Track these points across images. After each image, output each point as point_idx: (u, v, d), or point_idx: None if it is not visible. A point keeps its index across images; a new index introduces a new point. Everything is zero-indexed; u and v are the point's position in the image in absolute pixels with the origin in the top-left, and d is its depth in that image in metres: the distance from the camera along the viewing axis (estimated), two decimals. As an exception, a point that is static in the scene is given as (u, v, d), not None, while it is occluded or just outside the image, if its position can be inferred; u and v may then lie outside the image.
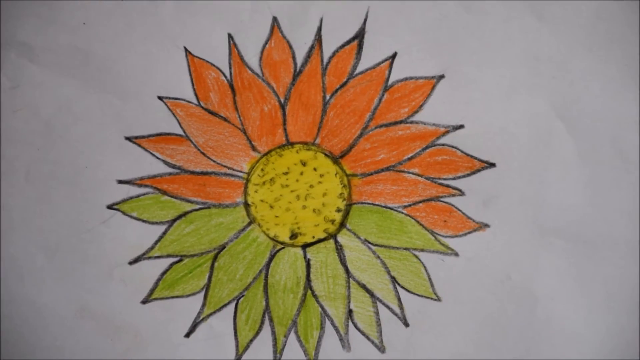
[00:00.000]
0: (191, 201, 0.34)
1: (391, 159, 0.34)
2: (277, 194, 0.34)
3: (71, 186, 0.34)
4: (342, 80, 0.34)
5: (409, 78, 0.35)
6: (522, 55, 0.35)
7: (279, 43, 0.35)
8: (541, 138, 0.34)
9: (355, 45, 0.35)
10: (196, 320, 0.34)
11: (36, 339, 0.34)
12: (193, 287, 0.34)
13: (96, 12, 0.35)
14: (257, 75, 0.35)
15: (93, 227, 0.34)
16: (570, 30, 0.35)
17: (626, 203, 0.34)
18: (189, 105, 0.34)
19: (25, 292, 0.34)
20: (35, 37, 0.35)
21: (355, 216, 0.34)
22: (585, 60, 0.35)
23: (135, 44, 0.35)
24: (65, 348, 0.34)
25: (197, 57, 0.35)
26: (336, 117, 0.34)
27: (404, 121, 0.34)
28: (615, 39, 0.35)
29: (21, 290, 0.34)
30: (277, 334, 0.33)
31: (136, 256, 0.34)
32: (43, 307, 0.34)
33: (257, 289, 0.34)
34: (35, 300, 0.34)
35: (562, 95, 0.35)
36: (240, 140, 0.34)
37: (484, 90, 0.35)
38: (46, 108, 0.34)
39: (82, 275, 0.34)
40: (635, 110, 0.35)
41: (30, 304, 0.34)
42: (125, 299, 0.34)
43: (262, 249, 0.34)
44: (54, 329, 0.34)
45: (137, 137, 0.34)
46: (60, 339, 0.34)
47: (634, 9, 0.35)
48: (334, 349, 0.34)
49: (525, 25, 0.35)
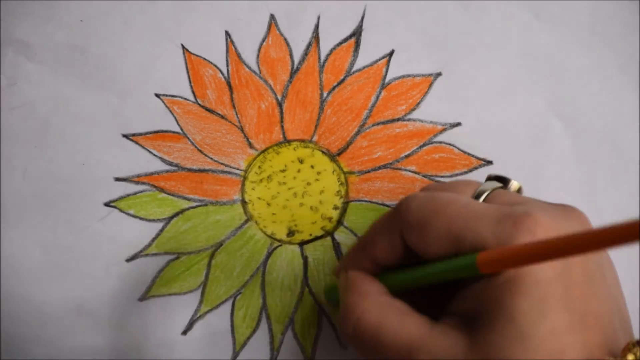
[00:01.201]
0: (188, 199, 0.34)
1: (388, 157, 0.34)
2: (274, 192, 0.34)
3: (68, 183, 0.34)
4: (339, 78, 0.35)
5: (406, 76, 0.35)
6: (520, 54, 0.35)
7: (276, 41, 0.35)
8: (538, 136, 0.34)
9: (352, 43, 0.35)
10: (193, 317, 0.33)
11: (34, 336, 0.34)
12: (190, 285, 0.34)
13: (93, 9, 0.35)
14: (255, 73, 0.35)
15: (90, 225, 0.34)
16: (567, 29, 0.35)
17: (624, 201, 0.34)
18: (186, 103, 0.34)
19: (22, 290, 0.34)
20: (32, 35, 0.35)
21: (352, 214, 0.34)
22: (583, 58, 0.35)
23: (132, 41, 0.35)
24: (63, 345, 0.34)
25: (195, 55, 0.35)
26: (333, 114, 0.34)
27: (401, 119, 0.34)
28: (613, 37, 0.35)
29: (18, 288, 0.34)
30: (275, 331, 0.33)
31: (133, 253, 0.34)
32: (40, 305, 0.34)
33: (255, 287, 0.34)
34: (33, 297, 0.34)
35: (559, 94, 0.35)
36: (237, 138, 0.35)
37: (482, 88, 0.35)
38: (43, 106, 0.34)
39: (79, 273, 0.34)
40: (632, 109, 0.35)
41: (27, 302, 0.34)
42: (122, 297, 0.34)
43: (259, 247, 0.34)
44: (52, 326, 0.34)
45: (135, 135, 0.34)
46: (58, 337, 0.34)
47: (632, 8, 0.35)
48: (331, 346, 0.33)
49: (522, 23, 0.35)
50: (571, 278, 0.22)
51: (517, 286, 0.22)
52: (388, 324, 0.24)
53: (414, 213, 0.25)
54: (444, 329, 0.23)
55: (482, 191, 0.26)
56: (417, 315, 0.24)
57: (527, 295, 0.21)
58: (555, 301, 0.22)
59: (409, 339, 0.23)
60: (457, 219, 0.24)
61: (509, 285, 0.22)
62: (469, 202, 0.25)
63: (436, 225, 0.24)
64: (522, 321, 0.21)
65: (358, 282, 0.26)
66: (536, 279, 0.22)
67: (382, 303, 0.25)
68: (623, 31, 0.35)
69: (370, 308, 0.25)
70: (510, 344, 0.21)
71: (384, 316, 0.24)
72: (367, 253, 0.27)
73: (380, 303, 0.25)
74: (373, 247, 0.27)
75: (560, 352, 0.21)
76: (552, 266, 0.22)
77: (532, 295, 0.21)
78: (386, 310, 0.25)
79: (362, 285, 0.26)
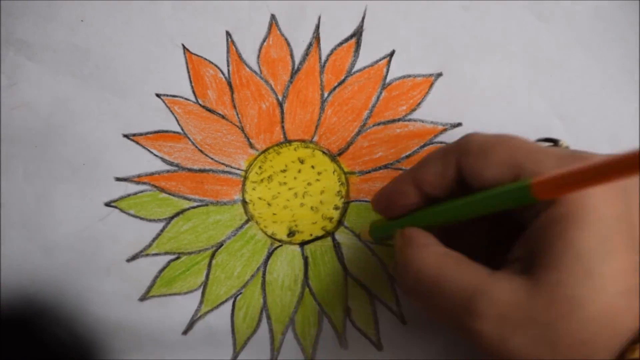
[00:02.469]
0: (189, 199, 0.34)
1: (389, 157, 0.34)
2: (274, 192, 0.34)
3: (69, 184, 0.34)
4: (340, 78, 0.35)
5: (406, 76, 0.35)
6: (521, 54, 0.35)
7: (277, 41, 0.35)
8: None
9: (353, 43, 0.35)
10: (194, 317, 0.33)
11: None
12: (191, 285, 0.34)
13: (94, 9, 0.35)
14: (255, 73, 0.35)
15: (91, 225, 0.34)
16: (568, 29, 0.35)
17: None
18: (186, 103, 0.34)
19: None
20: (33, 35, 0.35)
21: (353, 214, 0.34)
22: (584, 58, 0.35)
23: (133, 41, 0.35)
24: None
25: (195, 55, 0.35)
26: (334, 114, 0.34)
27: (402, 119, 0.34)
28: (614, 37, 0.35)
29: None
30: (275, 331, 0.33)
31: (134, 253, 0.34)
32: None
33: (255, 287, 0.34)
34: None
35: (560, 94, 0.35)
36: (238, 138, 0.34)
37: (482, 88, 0.35)
38: (44, 105, 0.34)
39: (79, 273, 0.34)
40: (633, 109, 0.35)
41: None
42: (122, 297, 0.34)
43: (259, 247, 0.34)
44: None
45: (135, 135, 0.34)
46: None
47: (633, 7, 0.35)
48: (331, 346, 0.33)
49: (523, 23, 0.35)
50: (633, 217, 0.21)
51: (581, 221, 0.21)
52: (447, 272, 0.24)
53: (477, 140, 0.24)
54: (504, 274, 0.23)
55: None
56: (475, 264, 0.24)
57: (592, 231, 0.21)
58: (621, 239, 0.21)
59: (469, 285, 0.23)
60: (521, 149, 0.23)
61: (573, 220, 0.21)
62: (532, 142, 0.24)
63: (499, 151, 0.23)
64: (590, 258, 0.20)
65: (414, 236, 0.26)
66: (601, 215, 0.21)
67: (440, 253, 0.25)
68: (623, 31, 0.35)
69: (429, 258, 0.25)
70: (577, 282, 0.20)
71: (442, 265, 0.24)
72: (416, 177, 0.26)
73: (438, 253, 0.25)
74: (423, 172, 0.26)
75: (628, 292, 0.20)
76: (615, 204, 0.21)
77: (598, 231, 0.21)
78: (445, 259, 0.24)
79: (419, 238, 0.26)
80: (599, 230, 0.21)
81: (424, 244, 0.25)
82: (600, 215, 0.21)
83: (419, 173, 0.26)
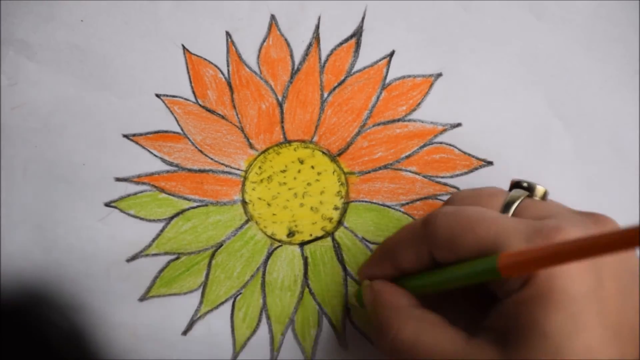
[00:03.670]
0: (189, 199, 0.34)
1: (389, 157, 0.34)
2: (274, 192, 0.34)
3: (69, 184, 0.34)
4: (339, 78, 0.35)
5: (406, 76, 0.35)
6: (520, 54, 0.35)
7: (276, 41, 0.35)
8: (539, 136, 0.34)
9: (353, 44, 0.35)
10: (193, 318, 0.33)
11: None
12: (190, 285, 0.34)
13: (94, 9, 0.35)
14: (255, 73, 0.35)
15: (90, 225, 0.34)
16: (568, 29, 0.35)
17: (624, 202, 0.34)
18: (186, 103, 0.34)
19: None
20: (33, 35, 0.35)
21: (352, 214, 0.34)
22: (584, 58, 0.35)
23: (133, 41, 0.35)
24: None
25: (195, 55, 0.35)
26: (334, 115, 0.34)
27: (402, 119, 0.34)
28: (614, 37, 0.35)
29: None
30: (275, 332, 0.33)
31: (133, 254, 0.34)
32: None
33: (255, 287, 0.34)
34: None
35: (560, 94, 0.35)
36: (237, 138, 0.34)
37: (482, 89, 0.35)
38: (44, 105, 0.34)
39: (79, 273, 0.34)
40: (633, 109, 0.35)
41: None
42: (122, 297, 0.34)
43: (259, 247, 0.34)
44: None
45: (135, 135, 0.34)
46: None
47: (633, 7, 0.35)
48: (331, 346, 0.33)
49: (523, 23, 0.35)
50: (604, 291, 0.22)
51: (549, 302, 0.22)
52: (424, 339, 0.24)
53: (442, 231, 0.25)
54: (479, 343, 0.23)
55: (511, 202, 0.26)
56: (452, 329, 0.24)
57: (560, 311, 0.21)
58: (589, 316, 0.21)
59: (446, 353, 0.23)
60: (487, 236, 0.24)
61: (542, 301, 0.22)
62: (498, 217, 0.24)
63: (465, 243, 0.24)
64: (556, 337, 0.21)
65: (387, 295, 0.27)
66: (569, 294, 0.21)
67: (416, 317, 0.25)
68: (623, 31, 0.35)
69: (405, 324, 0.25)
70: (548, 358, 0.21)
71: (419, 331, 0.25)
72: (392, 263, 0.27)
73: (415, 317, 0.25)
74: (399, 258, 0.27)
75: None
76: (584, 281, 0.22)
77: (566, 310, 0.21)
78: (421, 325, 0.25)
79: (393, 298, 0.27)
80: (568, 310, 0.21)
81: (399, 305, 0.26)
82: (568, 294, 0.22)
83: (395, 260, 0.27)
